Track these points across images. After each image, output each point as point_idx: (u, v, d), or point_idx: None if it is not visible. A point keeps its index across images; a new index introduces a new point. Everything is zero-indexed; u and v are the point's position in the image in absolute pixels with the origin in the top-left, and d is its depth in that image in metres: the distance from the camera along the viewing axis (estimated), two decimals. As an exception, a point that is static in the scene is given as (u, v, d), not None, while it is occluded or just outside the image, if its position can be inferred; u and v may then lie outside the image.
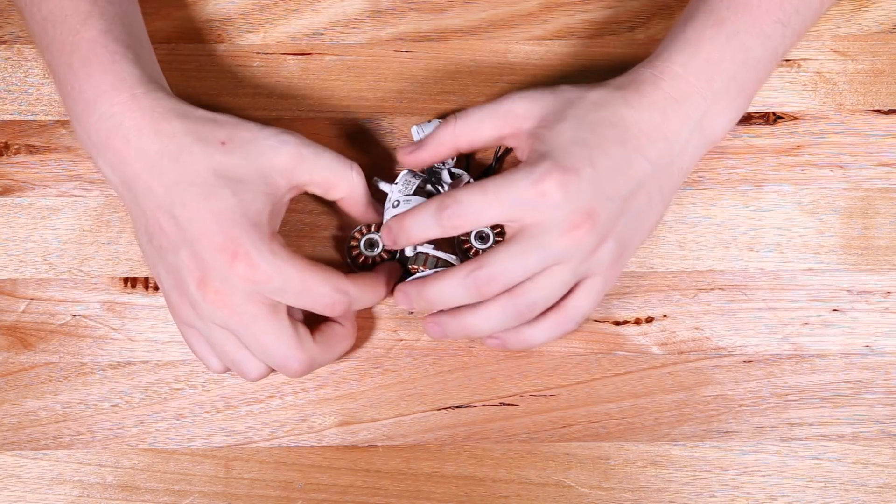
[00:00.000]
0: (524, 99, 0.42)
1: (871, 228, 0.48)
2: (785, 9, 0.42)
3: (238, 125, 0.41)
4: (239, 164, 0.39)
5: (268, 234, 0.39)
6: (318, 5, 0.51)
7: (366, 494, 0.45)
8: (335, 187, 0.42)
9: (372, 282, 0.43)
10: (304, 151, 0.41)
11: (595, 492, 0.45)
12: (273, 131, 0.41)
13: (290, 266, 0.38)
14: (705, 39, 0.41)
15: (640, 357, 0.46)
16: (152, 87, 0.41)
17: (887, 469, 0.45)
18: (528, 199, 0.38)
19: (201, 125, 0.40)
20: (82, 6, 0.42)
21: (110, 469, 0.46)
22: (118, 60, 0.41)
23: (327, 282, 0.39)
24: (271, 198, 0.40)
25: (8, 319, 0.47)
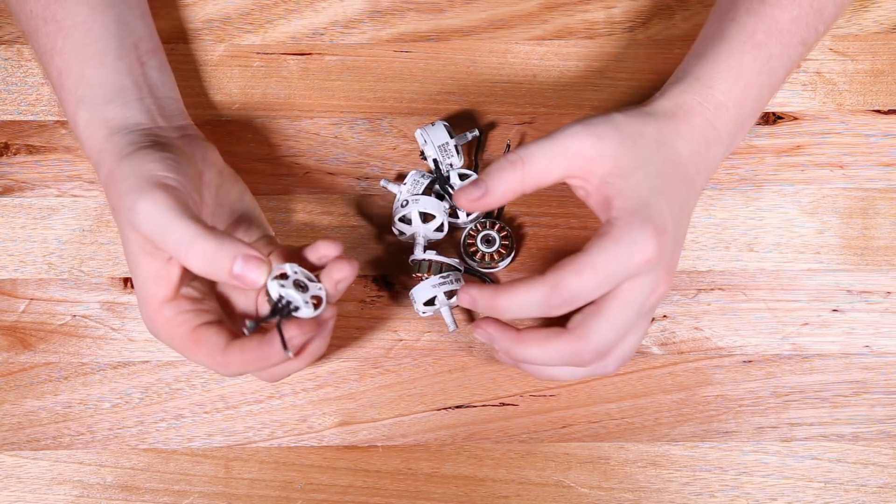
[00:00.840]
0: (591, 137, 0.38)
1: (871, 228, 0.48)
2: (809, 29, 0.43)
3: (116, 187, 0.38)
4: (121, 232, 0.40)
5: (151, 308, 0.39)
6: (318, 5, 0.51)
7: (366, 494, 0.45)
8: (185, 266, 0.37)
9: (251, 357, 0.37)
10: (145, 229, 0.36)
11: (595, 492, 0.45)
12: (127, 202, 0.37)
13: (170, 341, 0.39)
14: (745, 66, 0.41)
15: (640, 357, 0.46)
16: (89, 132, 0.41)
17: (887, 469, 0.45)
18: (635, 268, 0.36)
19: (106, 184, 0.40)
20: (47, 43, 0.43)
21: (110, 469, 0.46)
22: (69, 102, 0.42)
23: (204, 358, 0.38)
24: (149, 265, 0.38)
25: (8, 319, 0.47)
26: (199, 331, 0.38)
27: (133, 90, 0.42)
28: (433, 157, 0.46)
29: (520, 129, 0.49)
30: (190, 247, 0.35)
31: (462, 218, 0.47)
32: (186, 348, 0.38)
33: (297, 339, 0.36)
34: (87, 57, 0.42)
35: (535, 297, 0.36)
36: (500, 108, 0.49)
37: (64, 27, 0.42)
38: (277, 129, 0.49)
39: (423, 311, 0.45)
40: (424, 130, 0.46)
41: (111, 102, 0.41)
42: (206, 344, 0.38)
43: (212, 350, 0.37)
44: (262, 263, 0.36)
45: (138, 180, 0.37)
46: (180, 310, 0.39)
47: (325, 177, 0.48)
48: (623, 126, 0.39)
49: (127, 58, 0.43)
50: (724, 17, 0.43)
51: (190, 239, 0.35)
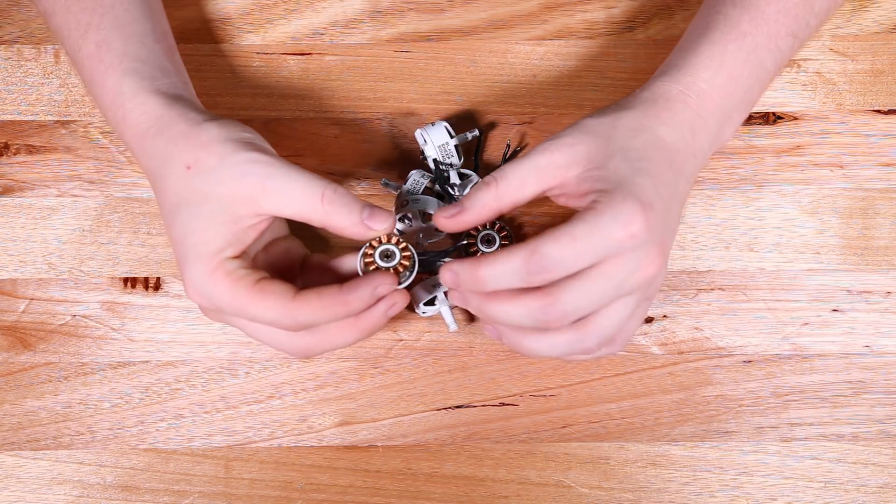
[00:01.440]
0: (560, 147, 0.39)
1: (871, 228, 0.48)
2: (798, 21, 0.42)
3: (207, 146, 0.39)
4: (199, 191, 0.38)
5: (213, 263, 0.38)
6: (318, 5, 0.51)
7: (366, 494, 0.45)
8: (307, 220, 0.39)
9: (325, 299, 0.37)
10: (268, 184, 0.38)
11: (595, 492, 0.45)
12: (240, 158, 0.38)
13: (229, 295, 0.37)
14: (728, 55, 0.41)
15: (640, 357, 0.46)
16: (141, 99, 0.41)
17: (887, 469, 0.45)
18: (618, 242, 0.36)
19: (174, 145, 0.39)
20: (82, 18, 0.43)
21: (110, 469, 0.46)
22: (111, 74, 0.42)
23: (270, 310, 0.37)
24: (229, 226, 0.38)
25: (8, 319, 0.47)
26: (263, 282, 0.38)
27: (175, 71, 0.43)
28: (433, 157, 0.46)
29: (520, 129, 0.49)
30: (331, 191, 0.38)
31: (462, 218, 0.46)
32: (251, 298, 0.37)
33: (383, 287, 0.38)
34: (128, 35, 0.43)
35: (514, 265, 0.36)
36: (500, 108, 0.49)
37: (102, 4, 0.43)
38: (277, 129, 0.49)
39: (423, 311, 0.45)
40: (424, 130, 0.46)
41: (159, 78, 0.42)
42: (274, 293, 0.37)
43: (282, 297, 0.37)
44: (388, 214, 0.38)
45: (242, 143, 0.39)
46: (242, 265, 0.38)
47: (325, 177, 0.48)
48: (592, 127, 0.39)
49: (163, 42, 0.44)
50: (710, 11, 0.43)
51: (326, 184, 0.38)
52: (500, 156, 0.49)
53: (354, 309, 0.38)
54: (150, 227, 0.48)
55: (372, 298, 0.38)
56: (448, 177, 0.46)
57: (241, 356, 0.47)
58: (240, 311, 0.38)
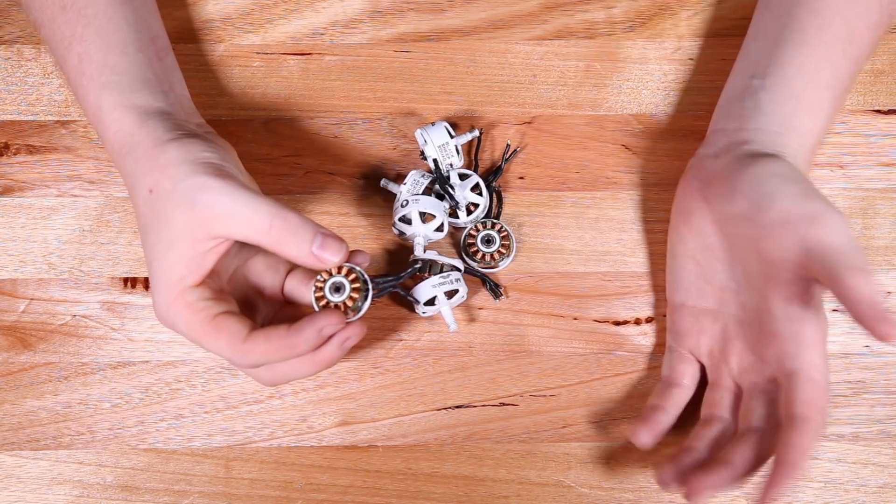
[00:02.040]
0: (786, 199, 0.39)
1: (871, 228, 0.48)
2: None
3: (165, 170, 0.38)
4: (159, 215, 0.38)
5: (174, 292, 0.38)
6: (318, 5, 0.51)
7: (366, 494, 0.45)
8: (258, 244, 0.37)
9: (273, 341, 0.37)
10: (216, 210, 0.37)
11: (595, 492, 0.45)
12: (191, 183, 0.37)
13: (186, 327, 0.38)
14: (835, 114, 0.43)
15: (640, 357, 0.46)
16: (116, 116, 0.41)
17: (887, 469, 0.45)
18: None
19: (140, 166, 0.39)
20: (66, 30, 0.43)
21: (110, 469, 0.46)
22: (91, 88, 0.42)
23: (223, 347, 0.37)
24: (187, 251, 0.37)
25: (8, 319, 0.47)
26: (220, 318, 0.37)
27: (156, 82, 0.43)
28: (433, 157, 0.46)
29: (520, 129, 0.49)
30: (271, 224, 0.36)
31: (462, 218, 0.47)
32: (205, 334, 0.37)
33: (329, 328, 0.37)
34: (110, 45, 0.42)
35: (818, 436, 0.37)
36: (500, 108, 0.49)
37: (85, 15, 0.42)
38: (277, 129, 0.49)
39: (423, 311, 0.45)
40: (424, 130, 0.46)
41: (137, 91, 0.42)
42: (227, 331, 0.37)
43: (233, 337, 0.37)
44: (340, 244, 0.37)
45: (199, 164, 0.38)
46: (203, 296, 0.38)
47: (325, 177, 0.48)
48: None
49: (147, 51, 0.43)
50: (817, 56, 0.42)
51: (275, 213, 0.36)
52: (500, 156, 0.49)
53: (302, 351, 0.37)
54: (150, 227, 0.48)
55: (319, 339, 0.37)
56: (448, 177, 0.46)
57: (241, 356, 0.47)
58: (197, 343, 0.38)
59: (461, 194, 0.46)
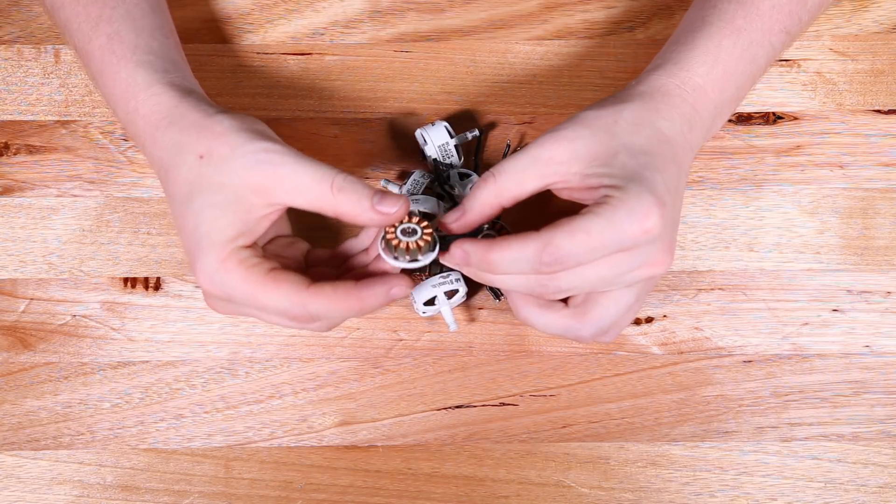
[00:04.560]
0: (560, 141, 0.38)
1: (871, 228, 0.48)
2: (791, 17, 0.42)
3: (220, 137, 0.39)
4: (212, 180, 0.38)
5: (224, 252, 0.37)
6: (318, 5, 0.51)
7: (366, 494, 0.45)
8: (319, 209, 0.38)
9: (341, 294, 0.38)
10: (279, 173, 0.38)
11: (595, 492, 0.45)
12: (252, 148, 0.38)
13: (241, 284, 0.38)
14: (723, 50, 0.41)
15: (640, 357, 0.46)
16: (154, 90, 0.41)
17: (887, 469, 0.45)
18: (632, 238, 0.36)
19: (186, 135, 0.39)
20: (93, 11, 0.43)
21: (110, 469, 0.46)
22: (123, 66, 0.42)
23: (283, 298, 0.37)
24: (242, 215, 0.38)
25: (8, 319, 0.47)
26: (276, 272, 0.38)
27: (184, 67, 0.44)
28: (433, 157, 0.46)
29: (520, 129, 0.49)
30: (343, 179, 0.37)
31: (462, 218, 0.47)
32: (265, 286, 0.37)
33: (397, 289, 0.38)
34: (140, 28, 0.43)
35: (527, 252, 0.36)
36: (500, 108, 0.49)
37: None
38: (277, 129, 0.49)
39: (423, 311, 0.45)
40: (424, 130, 0.46)
41: (171, 72, 0.42)
42: (287, 282, 0.37)
43: (295, 287, 0.37)
44: (398, 198, 0.38)
45: (254, 133, 0.39)
46: (255, 254, 0.38)
47: (325, 177, 0.48)
48: (592, 120, 0.39)
49: (172, 37, 0.44)
50: (704, 5, 0.43)
51: (337, 174, 0.37)
52: (500, 156, 0.49)
53: (369, 306, 0.38)
54: (150, 227, 0.48)
55: (387, 298, 0.38)
56: (448, 177, 0.46)
57: (241, 356, 0.47)
58: (251, 300, 0.38)
59: (461, 194, 0.46)
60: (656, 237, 0.36)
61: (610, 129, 0.39)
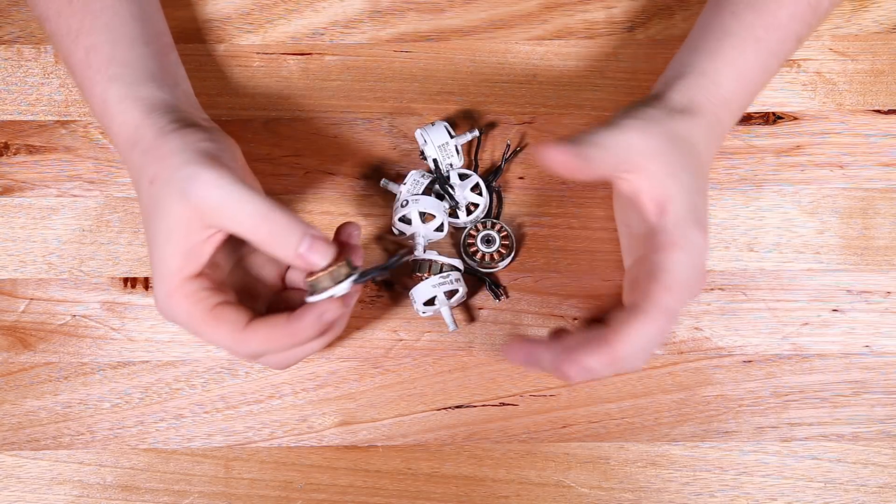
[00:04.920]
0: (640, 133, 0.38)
1: (871, 228, 0.48)
2: (804, 24, 0.43)
3: (164, 160, 0.38)
4: (158, 206, 0.38)
5: (172, 284, 0.37)
6: (318, 5, 0.51)
7: (366, 494, 0.45)
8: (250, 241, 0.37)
9: (274, 331, 0.37)
10: (208, 200, 0.36)
11: (595, 492, 0.45)
12: (187, 173, 0.37)
13: (186, 319, 0.38)
14: (747, 62, 0.42)
15: (640, 357, 0.46)
16: (123, 107, 0.41)
17: (887, 469, 0.45)
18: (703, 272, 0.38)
19: (143, 158, 0.39)
20: (73, 23, 0.43)
21: (110, 469, 0.46)
22: (98, 81, 0.41)
23: (222, 338, 0.37)
24: (183, 242, 0.37)
25: (8, 319, 0.47)
26: (219, 308, 0.37)
27: (162, 76, 0.43)
28: (433, 157, 0.46)
29: (520, 129, 0.49)
30: (261, 222, 0.36)
31: (462, 218, 0.47)
32: (205, 324, 0.37)
33: (329, 313, 0.37)
34: (117, 39, 0.42)
35: (654, 331, 0.36)
36: (500, 108, 0.49)
37: (92, 10, 0.43)
38: (277, 129, 0.49)
39: (423, 311, 0.45)
40: (424, 130, 0.46)
41: (144, 83, 0.42)
42: (227, 320, 0.37)
43: (233, 326, 0.37)
44: (328, 246, 0.36)
45: (196, 154, 0.37)
46: (202, 286, 0.38)
47: (325, 177, 0.48)
48: (662, 123, 0.39)
49: (153, 45, 0.43)
50: (722, 10, 0.43)
51: (261, 215, 0.36)
52: (500, 156, 0.49)
53: (303, 338, 0.37)
54: (150, 227, 0.48)
55: (320, 325, 0.37)
56: (448, 177, 0.46)
57: (241, 356, 0.47)
58: (197, 334, 0.38)
59: (461, 194, 0.46)
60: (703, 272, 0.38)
61: (673, 138, 0.39)
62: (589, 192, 0.48)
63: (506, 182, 0.48)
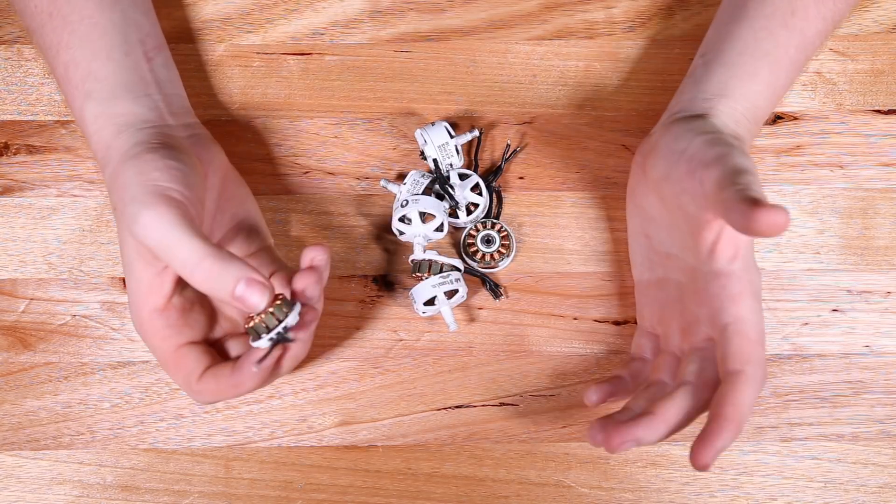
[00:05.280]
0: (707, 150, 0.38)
1: (871, 228, 0.48)
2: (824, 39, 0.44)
3: (120, 191, 0.37)
4: (120, 234, 0.39)
5: (142, 316, 0.39)
6: (318, 5, 0.51)
7: (366, 494, 0.45)
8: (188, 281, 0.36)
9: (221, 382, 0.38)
10: (147, 242, 0.36)
11: (595, 492, 0.45)
12: (131, 211, 0.36)
13: (155, 352, 0.40)
14: (780, 81, 0.43)
15: (640, 357, 0.46)
16: (97, 126, 0.41)
17: (887, 469, 0.45)
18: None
19: (109, 182, 0.39)
20: (53, 38, 0.43)
21: (110, 469, 0.46)
22: (76, 97, 0.42)
23: (181, 380, 0.40)
24: (143, 273, 0.38)
25: (8, 319, 0.47)
26: (181, 351, 0.39)
27: (141, 85, 0.42)
28: (433, 157, 0.46)
29: (520, 129, 0.49)
30: (196, 265, 0.35)
31: (462, 218, 0.47)
32: (168, 365, 0.40)
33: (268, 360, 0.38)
34: (95, 51, 0.42)
35: (756, 391, 0.35)
36: (500, 108, 0.49)
37: (70, 22, 0.42)
38: (277, 129, 0.49)
39: (423, 311, 0.45)
40: (424, 130, 0.46)
41: (119, 98, 0.41)
42: (185, 367, 0.39)
43: (189, 376, 0.39)
44: (264, 288, 0.36)
45: (142, 190, 0.36)
46: (168, 322, 0.39)
47: (325, 177, 0.48)
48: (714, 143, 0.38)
49: (134, 53, 0.43)
50: (753, 25, 0.42)
51: (197, 258, 0.35)
52: (500, 156, 0.49)
53: (249, 388, 0.38)
54: (150, 227, 0.48)
55: (259, 373, 0.38)
56: (448, 177, 0.46)
57: (241, 356, 0.47)
58: (163, 368, 0.41)
59: (461, 194, 0.46)
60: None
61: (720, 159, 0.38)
62: (589, 193, 0.48)
63: (506, 182, 0.48)
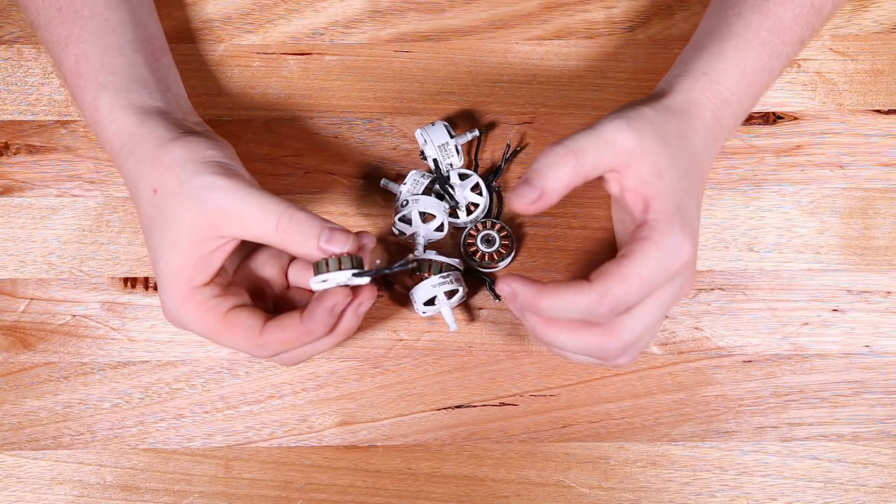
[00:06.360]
0: (632, 132, 0.38)
1: (871, 228, 0.48)
2: (808, 27, 0.43)
3: (170, 170, 0.38)
4: (165, 215, 0.38)
5: (181, 293, 0.38)
6: (318, 5, 0.51)
7: (366, 494, 0.45)
8: (267, 243, 0.38)
9: (288, 330, 0.38)
10: (224, 208, 0.37)
11: (595, 492, 0.45)
12: (199, 183, 0.37)
13: (199, 327, 0.38)
14: (750, 62, 0.41)
15: (640, 357, 0.46)
16: (115, 115, 0.41)
17: (887, 469, 0.45)
18: (673, 273, 0.37)
19: (141, 166, 0.39)
20: (63, 32, 0.43)
21: (110, 469, 0.46)
22: (88, 89, 0.42)
23: (239, 341, 0.38)
24: (194, 252, 0.38)
25: (8, 319, 0.47)
26: (232, 314, 0.38)
27: (153, 81, 0.43)
28: (433, 157, 0.46)
29: (520, 129, 0.49)
30: (288, 218, 0.36)
31: (462, 218, 0.47)
32: (219, 331, 0.38)
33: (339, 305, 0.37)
34: (106, 46, 0.42)
35: (581, 304, 0.36)
36: (500, 108, 0.49)
37: (81, 16, 0.42)
38: (277, 129, 0.49)
39: (423, 311, 0.45)
40: (424, 130, 0.46)
41: (135, 91, 0.41)
42: (242, 326, 0.38)
43: (249, 331, 0.38)
44: (346, 235, 0.37)
45: (205, 163, 0.38)
46: (213, 294, 0.38)
47: (325, 177, 0.48)
48: (655, 121, 0.39)
49: (144, 51, 0.43)
50: (727, 12, 0.43)
51: (283, 210, 0.37)
52: (500, 156, 0.49)
53: (320, 334, 0.38)
54: (150, 227, 0.48)
55: (333, 318, 0.38)
56: (448, 177, 0.47)
57: (240, 356, 0.47)
58: (212, 340, 0.39)
59: (461, 194, 0.46)
60: (691, 266, 0.37)
61: (665, 137, 0.39)
62: (589, 193, 0.48)
63: (506, 182, 0.48)
